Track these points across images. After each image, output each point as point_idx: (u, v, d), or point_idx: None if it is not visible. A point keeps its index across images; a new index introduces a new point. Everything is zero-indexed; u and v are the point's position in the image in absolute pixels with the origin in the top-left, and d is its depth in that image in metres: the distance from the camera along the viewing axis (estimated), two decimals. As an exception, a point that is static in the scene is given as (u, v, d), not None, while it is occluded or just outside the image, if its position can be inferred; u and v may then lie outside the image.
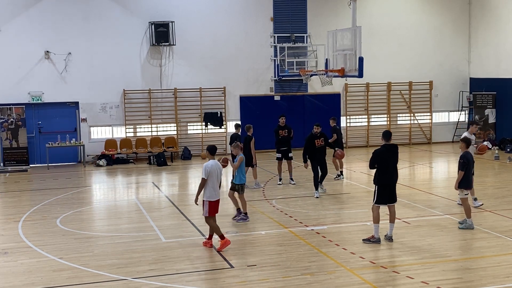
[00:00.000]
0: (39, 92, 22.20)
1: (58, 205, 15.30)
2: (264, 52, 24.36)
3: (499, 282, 9.16)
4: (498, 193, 15.18)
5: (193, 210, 14.61)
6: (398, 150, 11.47)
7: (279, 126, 17.53)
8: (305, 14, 24.61)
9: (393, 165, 11.25)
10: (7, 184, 18.98)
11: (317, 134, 15.72)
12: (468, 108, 26.46)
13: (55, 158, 22.21)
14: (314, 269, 9.84)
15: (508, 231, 11.89)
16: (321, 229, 12.32)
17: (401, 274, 9.52)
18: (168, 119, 23.63)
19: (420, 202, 14.69)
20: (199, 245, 11.37)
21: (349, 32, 18.27)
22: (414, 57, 25.88)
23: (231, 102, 24.21)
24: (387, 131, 11.53)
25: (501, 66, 24.63)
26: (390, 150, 11.27)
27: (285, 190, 16.46)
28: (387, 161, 11.21)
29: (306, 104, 24.85)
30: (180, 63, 23.48)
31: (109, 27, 22.74)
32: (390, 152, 11.25)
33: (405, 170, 20.00)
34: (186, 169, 21.04)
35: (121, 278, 9.64)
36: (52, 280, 9.62)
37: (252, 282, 9.31)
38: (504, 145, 23.48)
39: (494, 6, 24.92)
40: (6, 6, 21.81)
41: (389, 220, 11.34)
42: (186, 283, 9.38)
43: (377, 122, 25.86)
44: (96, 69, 22.68)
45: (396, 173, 11.34)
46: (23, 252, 11.20)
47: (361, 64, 17.07)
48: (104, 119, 23.00)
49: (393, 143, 11.44)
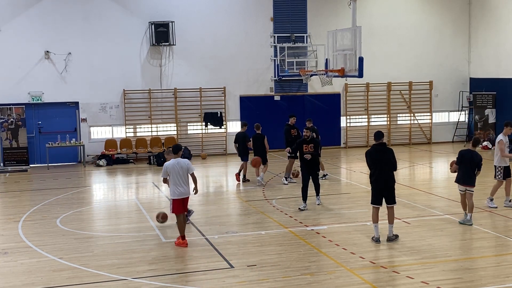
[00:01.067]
0: (39, 92, 22.20)
1: (58, 205, 15.30)
2: (264, 52, 24.37)
3: (499, 282, 9.16)
4: (498, 193, 15.14)
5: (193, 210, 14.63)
6: (391, 151, 11.21)
7: (289, 125, 17.76)
8: (305, 14, 24.61)
9: (380, 166, 11.13)
10: (7, 184, 18.98)
11: (306, 138, 14.40)
12: (468, 108, 26.47)
13: (55, 158, 22.21)
14: (314, 269, 9.84)
15: (508, 231, 11.90)
16: (321, 229, 12.32)
17: (401, 274, 9.52)
18: (168, 119, 23.63)
19: (420, 202, 14.70)
20: (199, 245, 11.37)
21: (349, 32, 18.27)
22: (414, 57, 25.88)
23: (231, 102, 24.22)
24: (377, 132, 11.48)
25: (501, 66, 24.63)
26: (378, 150, 11.24)
27: (285, 190, 16.47)
28: (375, 161, 11.22)
29: (306, 104, 24.84)
30: (180, 63, 23.49)
31: (109, 27, 22.74)
32: (379, 152, 11.21)
33: (405, 170, 20.01)
34: (186, 169, 21.01)
35: (121, 278, 9.65)
36: (52, 280, 9.62)
37: (252, 282, 9.31)
38: (504, 145, 23.46)
39: (494, 6, 24.92)
40: (6, 6, 21.81)
41: (388, 221, 11.35)
42: (186, 283, 9.38)
43: (377, 122, 25.86)
44: (96, 69, 22.68)
45: (386, 174, 11.12)
46: (23, 252, 11.20)
47: (361, 64, 17.07)
48: (104, 119, 23.00)
49: (382, 143, 11.28)
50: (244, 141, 17.72)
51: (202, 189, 18.17)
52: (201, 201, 16.01)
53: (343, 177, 18.96)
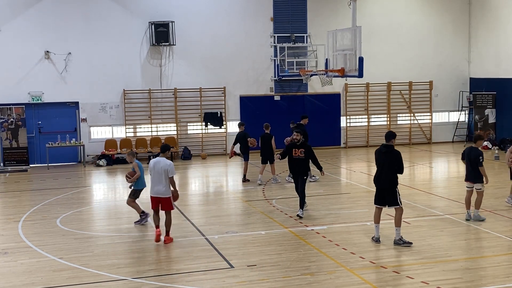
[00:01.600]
0: (39, 92, 22.20)
1: (58, 205, 15.30)
2: (264, 52, 24.36)
3: (499, 282, 9.16)
4: (498, 193, 15.16)
5: (193, 210, 14.64)
6: (397, 153, 11.09)
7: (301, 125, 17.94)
8: (305, 14, 24.61)
9: (382, 166, 11.11)
10: (7, 184, 18.98)
11: (296, 142, 13.49)
12: (468, 108, 26.47)
13: (55, 158, 22.22)
14: (314, 269, 9.84)
15: (508, 231, 11.89)
16: (321, 229, 12.32)
17: (401, 274, 9.52)
18: (168, 119, 23.63)
19: (420, 202, 14.69)
20: (199, 245, 11.38)
21: (349, 32, 18.28)
22: (414, 57, 25.88)
23: (231, 102, 24.21)
24: (388, 132, 11.42)
25: (501, 66, 24.63)
26: (383, 151, 11.21)
27: (285, 190, 16.46)
28: (377, 161, 11.29)
29: (306, 104, 24.84)
30: (180, 63, 23.48)
31: (109, 27, 22.74)
32: (383, 154, 11.18)
33: (405, 170, 19.89)
34: (186, 169, 21.03)
35: (121, 278, 9.64)
36: (52, 280, 9.62)
37: (252, 282, 9.31)
38: (504, 145, 23.45)
39: (494, 6, 24.92)
40: (6, 6, 21.81)
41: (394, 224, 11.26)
42: (186, 283, 9.38)
43: (377, 122, 25.86)
44: (96, 69, 22.68)
45: (386, 175, 11.01)
46: (23, 252, 11.20)
47: (361, 64, 17.07)
48: (104, 119, 23.00)
49: (389, 144, 11.16)
50: (246, 140, 17.76)
51: (202, 189, 18.21)
52: (201, 201, 16.02)
53: (343, 177, 18.96)
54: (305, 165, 13.36)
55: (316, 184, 17.19)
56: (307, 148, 13.34)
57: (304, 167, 13.34)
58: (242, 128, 18.12)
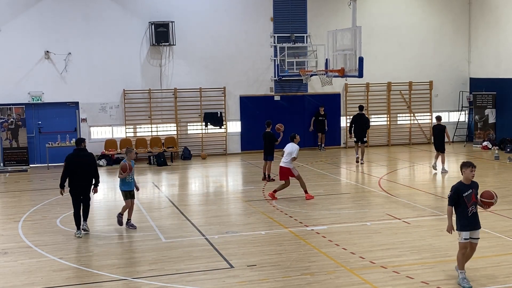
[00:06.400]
0: (39, 92, 22.20)
1: (58, 205, 15.29)
2: (264, 52, 24.35)
3: (499, 282, 9.17)
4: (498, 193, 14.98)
5: (193, 210, 14.64)
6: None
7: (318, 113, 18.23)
8: (305, 14, 24.61)
9: None
10: (7, 184, 18.98)
11: None
12: (468, 108, 26.46)
13: (55, 158, 22.15)
14: (314, 269, 9.84)
15: (508, 231, 11.90)
16: (321, 229, 12.32)
17: (401, 274, 9.52)
18: (168, 119, 23.62)
19: (420, 202, 14.69)
20: (199, 245, 11.38)
21: (349, 32, 18.29)
22: (414, 57, 25.87)
23: (231, 102, 24.21)
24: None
25: (501, 66, 24.62)
26: None
27: (285, 190, 16.44)
28: None
29: (306, 104, 24.84)
30: (180, 63, 23.48)
31: (109, 27, 22.73)
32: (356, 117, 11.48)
33: (405, 170, 20.01)
34: (186, 169, 21.04)
35: (121, 278, 9.64)
36: (52, 280, 9.62)
37: (252, 282, 9.31)
38: (504, 145, 23.47)
39: (494, 6, 24.92)
40: (6, 6, 21.80)
41: None
42: (186, 283, 9.38)
43: (377, 122, 25.85)
44: (96, 69, 22.67)
45: None
46: (23, 252, 11.20)
47: (361, 64, 17.09)
48: (104, 119, 22.99)
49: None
50: (271, 140, 17.84)
51: (202, 189, 18.21)
52: (201, 201, 16.02)
53: (343, 177, 18.96)
54: None
55: (316, 184, 17.19)
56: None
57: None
58: (270, 127, 18.19)
